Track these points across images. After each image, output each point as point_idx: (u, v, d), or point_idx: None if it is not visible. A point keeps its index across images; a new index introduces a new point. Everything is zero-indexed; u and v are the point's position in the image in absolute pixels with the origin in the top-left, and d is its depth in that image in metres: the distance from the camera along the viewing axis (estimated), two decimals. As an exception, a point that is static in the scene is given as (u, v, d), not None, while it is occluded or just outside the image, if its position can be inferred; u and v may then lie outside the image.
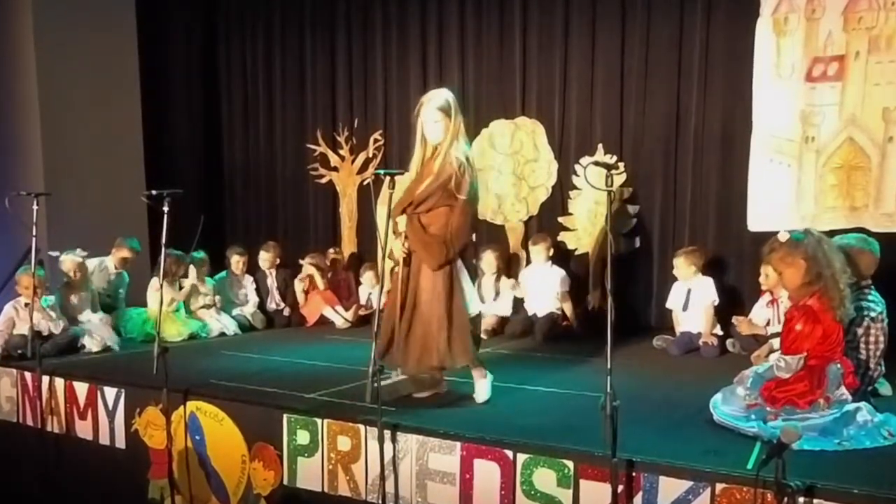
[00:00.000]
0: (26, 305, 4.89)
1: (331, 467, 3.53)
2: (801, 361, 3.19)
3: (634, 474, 2.86)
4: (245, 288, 6.60)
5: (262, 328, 6.43)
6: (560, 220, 6.41)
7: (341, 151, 7.48)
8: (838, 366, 3.21)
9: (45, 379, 4.48)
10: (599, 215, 6.19)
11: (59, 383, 4.50)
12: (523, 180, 6.57)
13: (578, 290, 6.22)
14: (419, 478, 3.31)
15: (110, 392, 4.30)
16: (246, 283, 6.62)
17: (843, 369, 3.23)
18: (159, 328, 3.79)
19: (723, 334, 5.25)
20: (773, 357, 3.87)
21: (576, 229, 6.36)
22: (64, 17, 6.68)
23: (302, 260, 6.70)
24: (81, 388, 4.43)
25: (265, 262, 6.75)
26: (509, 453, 3.10)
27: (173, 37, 7.92)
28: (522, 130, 6.57)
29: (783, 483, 2.44)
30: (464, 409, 3.70)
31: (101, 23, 6.98)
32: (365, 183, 7.32)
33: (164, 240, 3.76)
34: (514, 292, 6.08)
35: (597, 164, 2.95)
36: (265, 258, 6.75)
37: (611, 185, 2.83)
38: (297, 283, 6.66)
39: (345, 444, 3.49)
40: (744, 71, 5.59)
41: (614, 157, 6.10)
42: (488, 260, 6.08)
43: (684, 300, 5.37)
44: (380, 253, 3.59)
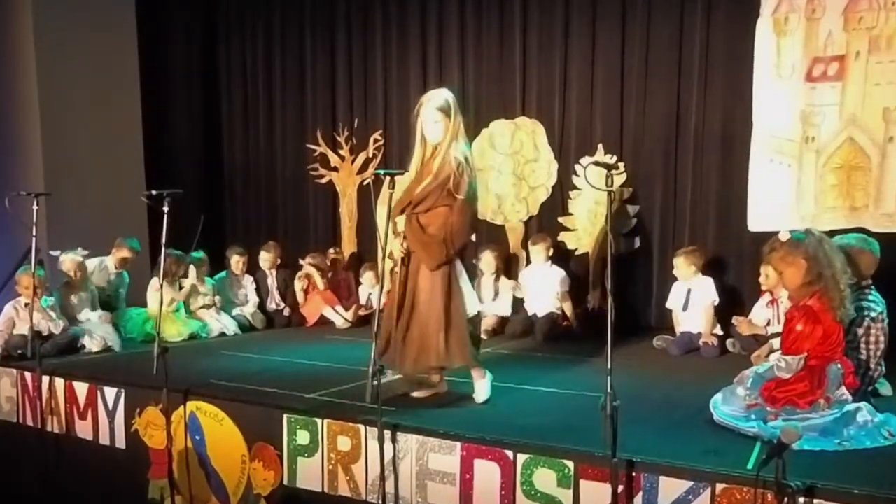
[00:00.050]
0: (26, 305, 4.89)
1: (331, 467, 3.53)
2: (802, 362, 3.19)
3: (634, 474, 2.86)
4: (245, 288, 6.60)
5: (262, 328, 6.43)
6: (560, 220, 6.41)
7: (341, 151, 7.48)
8: (839, 366, 3.21)
9: (45, 379, 4.48)
10: (599, 215, 6.20)
11: (59, 383, 4.50)
12: (523, 180, 6.57)
13: (578, 290, 6.22)
14: (419, 478, 3.31)
15: (110, 392, 4.30)
16: (246, 283, 6.61)
17: (844, 369, 3.23)
18: (159, 328, 3.79)
19: (723, 334, 5.25)
20: (774, 357, 3.87)
21: (576, 229, 6.36)
22: (64, 17, 6.68)
23: (302, 260, 6.70)
24: (81, 388, 4.43)
25: (266, 263, 6.75)
26: (509, 453, 3.10)
27: (173, 37, 7.91)
28: (522, 130, 6.57)
29: (783, 483, 2.44)
30: (464, 409, 3.69)
31: (101, 23, 6.98)
32: (365, 183, 7.32)
33: (164, 240, 3.76)
34: (514, 293, 6.08)
35: (597, 164, 2.95)
36: (266, 258, 6.75)
37: (611, 185, 2.83)
38: (296, 282, 6.66)
39: (345, 444, 3.49)
40: (744, 71, 5.59)
41: (614, 157, 6.10)
42: (487, 260, 6.08)
43: (684, 300, 5.37)
44: (380, 253, 3.59)
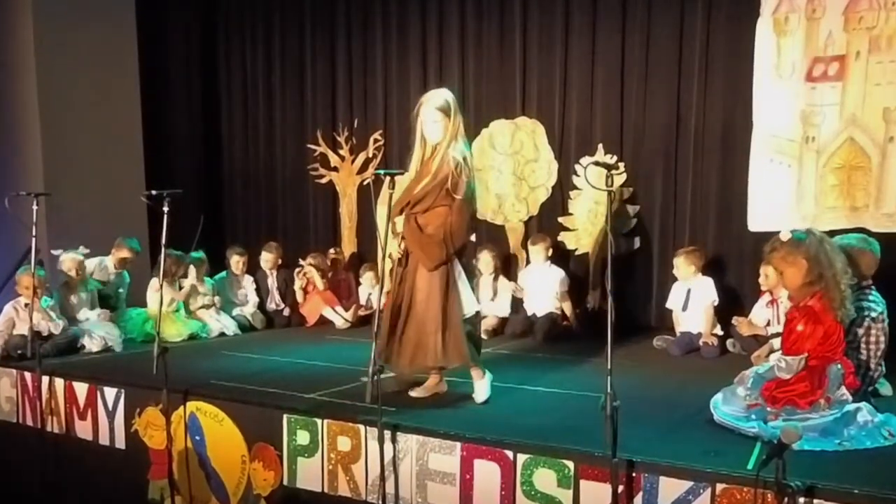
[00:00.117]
0: (26, 305, 4.88)
1: (331, 467, 3.53)
2: (803, 362, 3.19)
3: (635, 475, 2.86)
4: (245, 288, 6.59)
5: (262, 328, 6.43)
6: (560, 220, 6.41)
7: (341, 151, 7.48)
8: (839, 366, 3.21)
9: (45, 379, 4.48)
10: (599, 215, 6.19)
11: (59, 383, 4.50)
12: (523, 180, 6.57)
13: (578, 290, 6.22)
14: (419, 478, 3.31)
15: (110, 392, 4.30)
16: (246, 283, 6.61)
17: (844, 370, 3.23)
18: (159, 328, 3.79)
19: (723, 334, 5.25)
20: (774, 357, 3.87)
21: (576, 229, 6.36)
22: (64, 16, 6.68)
23: (303, 260, 6.70)
24: (81, 388, 4.43)
25: (267, 263, 6.74)
26: (509, 453, 3.10)
27: (173, 37, 7.91)
28: (522, 130, 6.56)
29: (783, 483, 2.44)
30: (464, 410, 3.70)
31: (101, 23, 6.97)
32: (365, 183, 7.31)
33: (163, 240, 3.76)
34: (515, 294, 6.07)
35: (597, 164, 2.96)
36: (267, 258, 6.75)
37: (611, 185, 2.83)
38: (295, 280, 6.65)
39: (345, 444, 3.49)
40: (744, 71, 5.58)
41: (614, 157, 6.09)
42: (485, 260, 6.07)
43: (684, 300, 5.37)
44: (380, 253, 3.59)
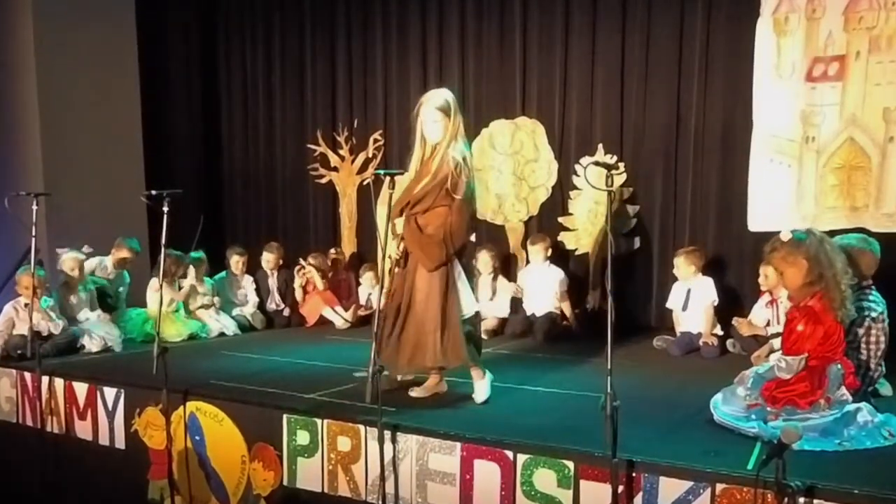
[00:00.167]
0: (26, 306, 4.88)
1: (331, 468, 3.53)
2: (803, 362, 3.19)
3: (635, 475, 2.85)
4: (244, 288, 6.59)
5: (262, 328, 6.43)
6: (560, 220, 6.41)
7: (341, 151, 7.48)
8: (839, 366, 3.21)
9: (45, 379, 4.48)
10: (599, 215, 6.19)
11: (59, 384, 4.50)
12: (523, 180, 6.57)
13: (578, 290, 6.22)
14: (419, 478, 3.31)
15: (110, 392, 4.30)
16: (245, 283, 6.61)
17: (844, 370, 3.23)
18: (159, 328, 3.79)
19: (723, 334, 5.25)
20: (774, 357, 3.87)
21: (576, 229, 6.36)
22: (64, 16, 6.68)
23: (303, 260, 6.69)
24: (81, 388, 4.42)
25: (267, 263, 6.74)
26: (509, 454, 3.10)
27: (173, 37, 7.91)
28: (522, 130, 6.56)
29: (783, 483, 2.44)
30: (464, 410, 3.70)
31: (101, 23, 6.97)
32: (365, 183, 7.31)
33: (163, 240, 3.76)
34: (515, 295, 6.07)
35: (597, 164, 2.96)
36: (268, 259, 6.74)
37: (611, 185, 2.83)
38: (295, 278, 6.65)
39: (345, 444, 3.49)
40: (744, 71, 5.58)
41: (614, 157, 6.09)
42: (484, 260, 6.06)
43: (684, 300, 5.37)
44: (380, 253, 3.59)
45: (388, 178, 3.35)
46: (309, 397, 3.89)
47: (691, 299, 5.34)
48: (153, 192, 3.73)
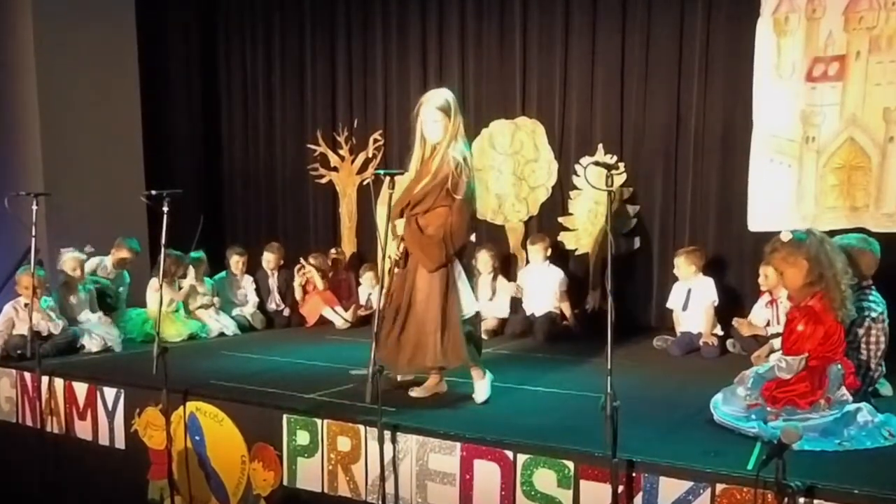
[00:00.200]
0: (26, 306, 4.88)
1: (331, 468, 3.53)
2: (803, 362, 3.19)
3: (635, 475, 2.85)
4: (244, 288, 6.59)
5: (262, 328, 6.43)
6: (560, 220, 6.41)
7: (341, 151, 7.48)
8: (839, 366, 3.21)
9: (45, 379, 4.47)
10: (599, 215, 6.19)
11: (59, 384, 4.50)
12: (523, 180, 6.57)
13: (578, 290, 6.22)
14: (419, 478, 3.31)
15: (110, 392, 4.30)
16: (245, 283, 6.60)
17: (845, 370, 3.23)
18: (159, 328, 3.79)
19: (723, 335, 5.24)
20: (774, 357, 3.87)
21: (576, 229, 6.36)
22: (64, 16, 6.68)
23: (303, 259, 6.69)
24: (81, 388, 4.42)
25: (268, 263, 6.74)
26: (509, 454, 3.10)
27: (173, 37, 7.91)
28: (522, 130, 6.56)
29: (784, 483, 2.44)
30: (464, 410, 3.69)
31: (101, 23, 6.97)
32: (365, 183, 7.31)
33: (163, 240, 3.76)
34: (514, 295, 6.06)
35: (597, 164, 2.95)
36: (269, 259, 6.74)
37: (611, 185, 2.83)
38: (295, 276, 6.64)
39: (345, 444, 3.49)
40: (744, 71, 5.58)
41: (614, 157, 6.09)
42: (484, 259, 6.06)
43: (684, 300, 5.37)
44: (379, 253, 3.59)
45: (388, 178, 3.35)
46: (309, 397, 3.89)
47: (691, 299, 5.34)
48: (153, 192, 3.73)
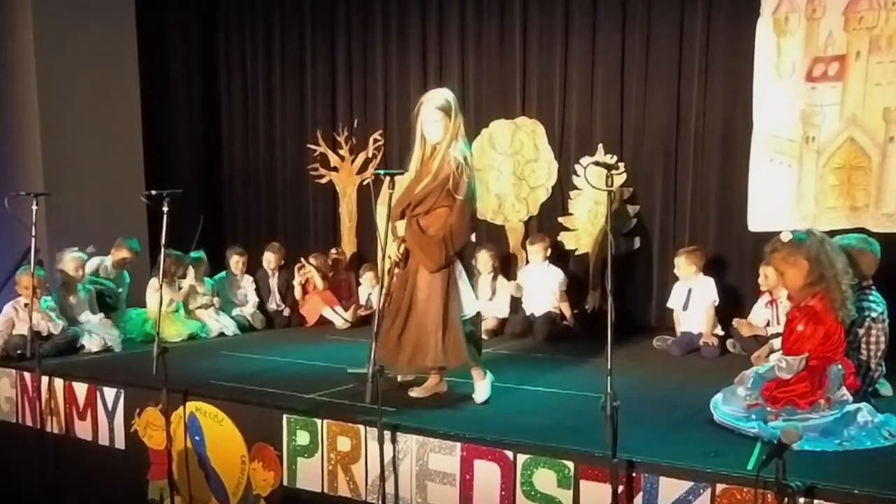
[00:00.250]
0: (26, 306, 4.88)
1: (331, 468, 3.53)
2: (803, 362, 3.19)
3: (635, 475, 2.85)
4: (244, 288, 6.59)
5: (262, 328, 6.43)
6: (560, 220, 6.41)
7: (341, 151, 7.48)
8: (839, 366, 3.21)
9: (45, 379, 4.47)
10: (599, 215, 6.19)
11: (59, 384, 4.50)
12: (523, 180, 6.57)
13: (578, 290, 6.22)
14: (419, 478, 3.31)
15: (110, 392, 4.30)
16: (245, 283, 6.60)
17: (845, 370, 3.22)
18: (159, 328, 3.79)
19: (723, 334, 5.24)
20: (774, 357, 3.87)
21: (576, 229, 6.36)
22: (64, 16, 6.68)
23: (304, 259, 6.68)
24: (81, 388, 4.42)
25: (269, 263, 6.74)
26: (509, 454, 3.10)
27: (173, 37, 7.91)
28: (522, 130, 6.56)
29: (784, 483, 2.44)
30: (464, 410, 3.69)
31: (101, 23, 6.97)
32: (365, 183, 7.31)
33: (163, 240, 3.76)
34: (514, 293, 6.06)
35: (597, 164, 2.95)
36: (270, 259, 6.74)
37: (611, 185, 2.82)
38: (295, 275, 6.64)
39: (345, 444, 3.49)
40: (744, 71, 5.58)
41: (614, 157, 6.09)
42: (483, 259, 6.06)
43: (685, 300, 5.36)
44: (379, 253, 3.59)
45: (388, 178, 3.35)
46: (309, 397, 3.89)
47: (692, 299, 5.33)
48: (153, 192, 3.73)
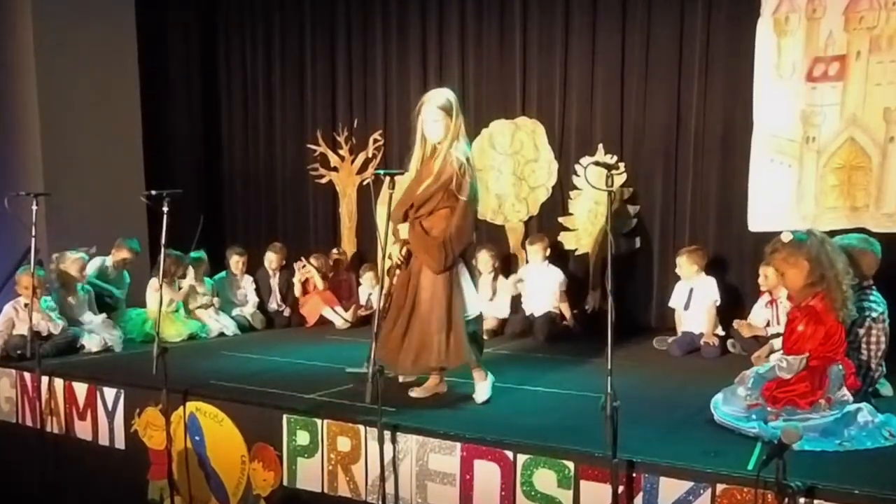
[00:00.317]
0: (26, 306, 4.88)
1: (331, 468, 3.53)
2: (804, 362, 3.19)
3: (635, 475, 2.85)
4: (244, 288, 6.59)
5: (262, 328, 6.42)
6: (560, 220, 6.41)
7: (341, 151, 7.48)
8: (840, 367, 3.20)
9: (45, 379, 4.47)
10: (600, 215, 6.19)
11: (59, 384, 4.50)
12: (523, 180, 6.57)
13: (578, 290, 6.21)
14: (419, 478, 3.31)
15: (110, 393, 4.30)
16: (245, 283, 6.60)
17: (845, 370, 3.22)
18: (159, 328, 3.79)
19: (724, 335, 5.24)
20: (774, 357, 3.86)
21: (576, 229, 6.36)
22: (64, 16, 6.68)
23: (305, 259, 6.68)
24: (81, 388, 4.42)
25: (270, 263, 6.73)
26: (509, 454, 3.10)
27: (173, 37, 7.91)
28: (522, 130, 6.56)
29: (784, 484, 2.43)
30: (464, 410, 3.69)
31: (101, 23, 6.97)
32: (365, 183, 7.31)
33: (163, 240, 3.76)
34: (516, 286, 6.04)
35: (597, 164, 2.95)
36: (271, 259, 6.74)
37: (611, 186, 2.82)
38: (296, 273, 6.63)
39: (345, 444, 3.49)
40: (744, 71, 5.58)
41: (614, 157, 6.09)
42: (484, 259, 6.05)
43: (686, 299, 5.36)
44: (379, 253, 3.58)
45: (388, 178, 3.35)
46: (309, 397, 3.89)
47: (693, 299, 5.33)
48: (153, 192, 3.72)
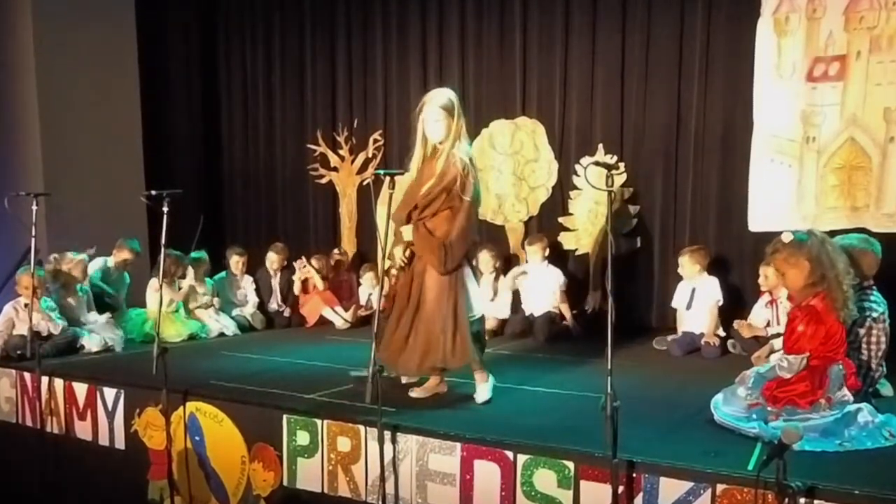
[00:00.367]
0: (26, 306, 4.88)
1: (331, 468, 3.53)
2: (804, 361, 3.18)
3: (635, 475, 2.85)
4: (244, 288, 6.59)
5: (262, 329, 6.42)
6: (560, 220, 6.41)
7: (341, 151, 7.48)
8: (840, 367, 3.20)
9: (45, 379, 4.47)
10: (600, 215, 6.19)
11: (59, 384, 4.50)
12: (523, 180, 6.56)
13: (578, 290, 6.21)
14: (419, 479, 3.31)
15: (110, 393, 4.30)
16: (245, 283, 6.60)
17: (846, 370, 3.22)
18: (159, 328, 3.79)
19: (725, 335, 5.24)
20: (775, 357, 3.86)
21: (576, 229, 6.35)
22: (64, 16, 6.68)
23: (306, 259, 6.68)
24: (81, 388, 4.42)
25: (271, 263, 6.73)
26: (509, 454, 3.10)
27: (173, 37, 7.91)
28: (522, 130, 6.56)
29: (784, 484, 2.43)
30: (464, 410, 3.69)
31: (101, 23, 6.97)
32: (365, 183, 7.31)
33: (163, 240, 3.76)
34: (515, 282, 6.03)
35: (597, 164, 2.95)
36: (272, 259, 6.73)
37: (611, 186, 2.82)
38: (296, 272, 6.63)
39: (345, 444, 3.49)
40: (744, 71, 5.58)
41: (614, 157, 6.09)
42: (485, 259, 6.04)
43: (689, 299, 5.36)
44: (379, 253, 3.58)
45: (388, 178, 3.34)
46: (309, 397, 3.89)
47: (696, 298, 5.32)
48: (153, 192, 3.72)
